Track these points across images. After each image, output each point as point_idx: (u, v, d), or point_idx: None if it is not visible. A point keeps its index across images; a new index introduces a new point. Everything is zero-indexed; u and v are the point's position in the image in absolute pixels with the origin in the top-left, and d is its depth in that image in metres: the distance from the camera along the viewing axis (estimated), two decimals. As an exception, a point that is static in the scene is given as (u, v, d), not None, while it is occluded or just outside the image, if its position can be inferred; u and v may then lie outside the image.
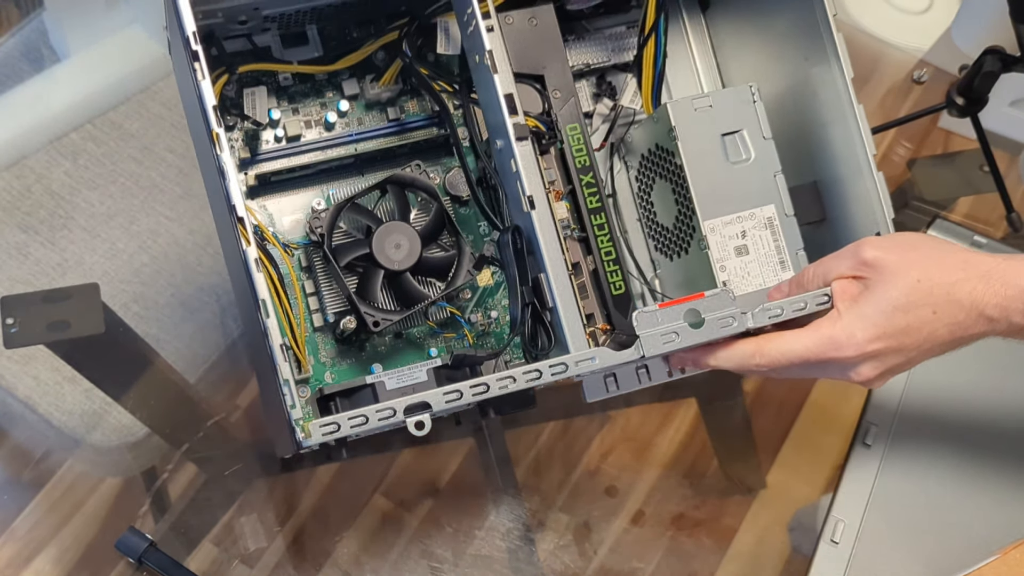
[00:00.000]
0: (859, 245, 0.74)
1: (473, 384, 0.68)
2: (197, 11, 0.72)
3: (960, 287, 0.71)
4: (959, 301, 0.71)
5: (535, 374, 0.69)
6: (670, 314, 0.71)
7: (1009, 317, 0.70)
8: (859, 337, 0.71)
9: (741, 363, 0.74)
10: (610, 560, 0.88)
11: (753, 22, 0.91)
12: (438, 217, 0.83)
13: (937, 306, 0.71)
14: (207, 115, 0.69)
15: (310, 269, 0.83)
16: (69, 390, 0.92)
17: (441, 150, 0.89)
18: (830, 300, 0.73)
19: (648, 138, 0.87)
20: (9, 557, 0.85)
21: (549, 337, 0.75)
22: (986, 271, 0.71)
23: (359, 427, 0.67)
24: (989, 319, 0.71)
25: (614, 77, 0.93)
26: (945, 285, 0.71)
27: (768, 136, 0.83)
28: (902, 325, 0.71)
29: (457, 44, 0.84)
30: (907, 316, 0.71)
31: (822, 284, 0.74)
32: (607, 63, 0.93)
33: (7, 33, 1.10)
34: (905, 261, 0.72)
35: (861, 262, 0.73)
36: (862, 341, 0.71)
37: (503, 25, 0.77)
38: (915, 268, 0.71)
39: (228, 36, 0.84)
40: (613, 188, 0.91)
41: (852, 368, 0.73)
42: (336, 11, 0.85)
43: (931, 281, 0.71)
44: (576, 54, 0.92)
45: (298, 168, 0.85)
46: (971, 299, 0.70)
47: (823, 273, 0.75)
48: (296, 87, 0.86)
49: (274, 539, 0.86)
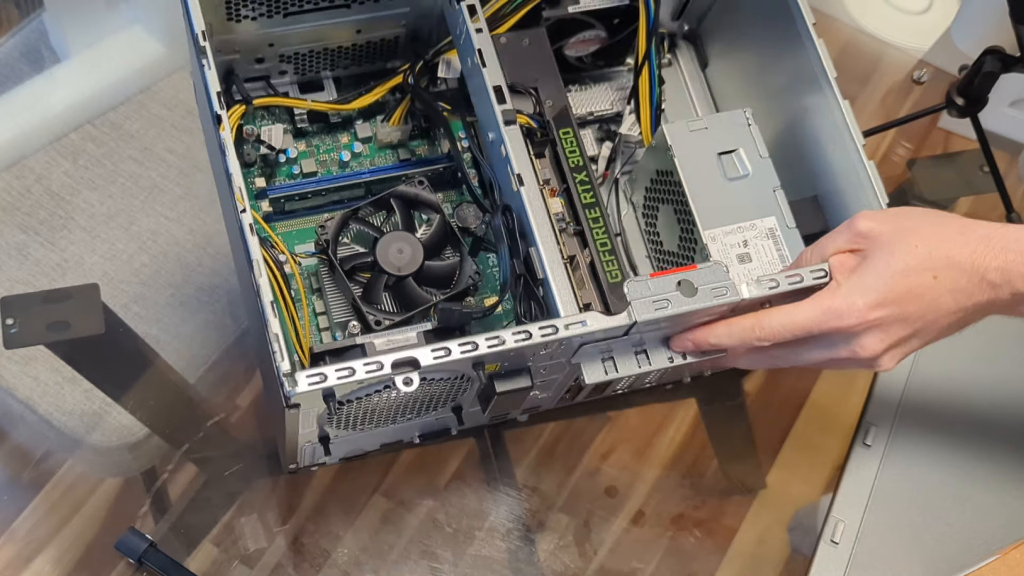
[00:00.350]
0: (853, 220, 0.73)
1: (462, 342, 0.69)
2: (216, 41, 0.82)
3: (960, 251, 0.70)
4: (959, 264, 0.69)
5: (524, 335, 0.70)
6: (662, 283, 0.72)
7: (1012, 282, 0.69)
8: (859, 304, 0.70)
9: (741, 337, 0.73)
10: (610, 560, 0.88)
11: (751, 73, 0.94)
12: (441, 229, 0.85)
13: (937, 270, 0.70)
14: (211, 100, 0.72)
15: (320, 291, 0.86)
16: (69, 390, 0.92)
17: (449, 186, 0.92)
18: (828, 274, 0.73)
19: (650, 166, 0.89)
20: (9, 558, 0.85)
21: (542, 310, 0.76)
22: (985, 234, 0.70)
23: (345, 379, 0.67)
24: (992, 284, 0.69)
25: (618, 125, 0.95)
26: (944, 248, 0.70)
27: (765, 155, 0.85)
28: (902, 290, 0.70)
29: (457, 70, 0.87)
30: (907, 280, 0.70)
31: (820, 262, 0.74)
32: (610, 111, 0.95)
33: (7, 34, 1.10)
34: (901, 229, 0.71)
35: (857, 234, 0.72)
36: (863, 308, 0.70)
37: (496, 45, 0.80)
38: (912, 235, 0.71)
39: (248, 78, 0.90)
40: (621, 227, 0.93)
41: (856, 340, 0.71)
42: (348, 53, 0.91)
43: (929, 246, 0.70)
44: (579, 103, 0.96)
45: (310, 194, 0.89)
46: (971, 262, 0.69)
47: (820, 252, 0.74)
48: (311, 129, 0.92)
49: (274, 539, 0.86)
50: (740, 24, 0.95)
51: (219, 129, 0.72)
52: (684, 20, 1.00)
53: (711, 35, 1.00)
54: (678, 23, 1.01)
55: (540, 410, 0.90)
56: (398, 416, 0.79)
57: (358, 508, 0.88)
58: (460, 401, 0.79)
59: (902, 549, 0.88)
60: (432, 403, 0.78)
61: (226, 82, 0.88)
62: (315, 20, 0.87)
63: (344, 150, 0.92)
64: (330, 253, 0.84)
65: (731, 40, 0.97)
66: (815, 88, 0.84)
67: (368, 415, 0.76)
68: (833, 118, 0.82)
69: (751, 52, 0.93)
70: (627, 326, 0.72)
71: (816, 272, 0.73)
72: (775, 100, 0.89)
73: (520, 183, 0.76)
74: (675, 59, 1.01)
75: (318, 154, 0.92)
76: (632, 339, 0.75)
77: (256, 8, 0.84)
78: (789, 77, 0.87)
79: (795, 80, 0.86)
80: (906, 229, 0.71)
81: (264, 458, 0.90)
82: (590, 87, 0.96)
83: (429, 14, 0.90)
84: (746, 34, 0.94)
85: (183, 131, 1.04)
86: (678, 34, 1.02)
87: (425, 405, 0.78)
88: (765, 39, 0.90)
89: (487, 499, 0.90)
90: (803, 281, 0.73)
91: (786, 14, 0.85)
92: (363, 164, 0.92)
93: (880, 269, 0.70)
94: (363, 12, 0.87)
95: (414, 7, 0.89)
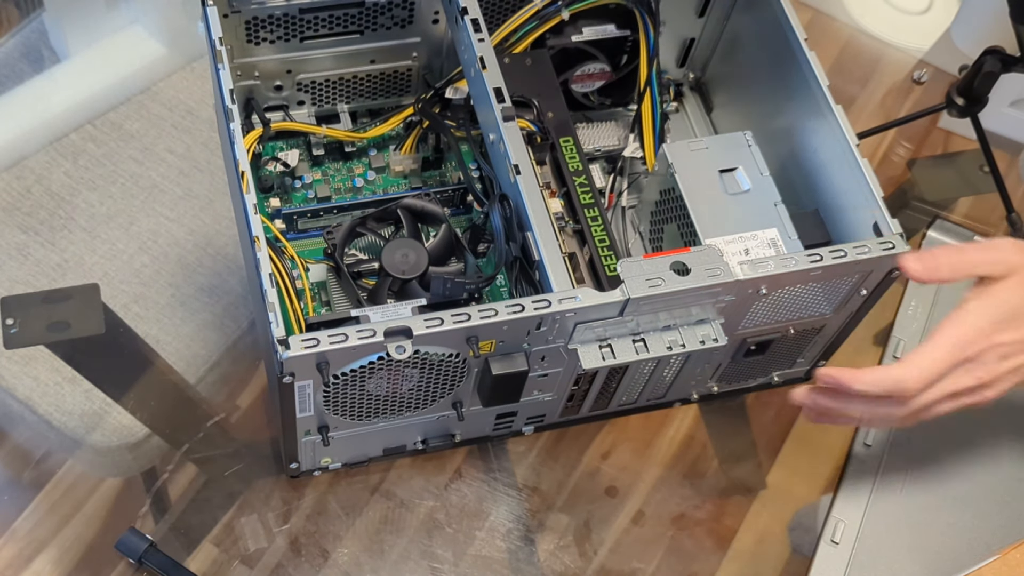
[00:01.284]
0: (1003, 244, 0.76)
1: (455, 313, 0.70)
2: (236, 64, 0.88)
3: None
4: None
5: (518, 308, 0.70)
6: (656, 263, 0.73)
7: None
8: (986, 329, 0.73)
9: (889, 386, 0.74)
10: (610, 560, 0.88)
11: (754, 110, 0.95)
12: (446, 238, 0.86)
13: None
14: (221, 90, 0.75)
15: (329, 303, 0.88)
16: (69, 391, 0.92)
17: (459, 211, 0.95)
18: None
19: (654, 189, 0.89)
20: (9, 558, 0.85)
21: (537, 292, 0.76)
22: None
23: (338, 344, 0.68)
24: None
25: (624, 162, 0.97)
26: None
27: (765, 173, 0.85)
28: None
29: (464, 92, 0.89)
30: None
31: (955, 272, 0.75)
32: (617, 147, 0.96)
33: (7, 34, 1.10)
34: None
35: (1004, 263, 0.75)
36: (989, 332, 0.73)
37: (501, 64, 0.81)
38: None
39: (267, 107, 0.94)
40: (628, 254, 0.94)
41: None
42: (363, 84, 0.95)
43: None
44: (586, 139, 0.97)
45: (322, 212, 0.92)
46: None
47: (961, 262, 0.76)
48: (326, 158, 0.95)
49: (274, 539, 0.87)
50: (740, 65, 0.96)
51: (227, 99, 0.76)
52: (689, 68, 1.03)
53: (715, 81, 1.02)
54: (683, 71, 1.03)
55: (545, 421, 0.90)
56: (397, 407, 0.79)
57: (358, 508, 0.88)
58: (459, 395, 0.79)
59: (902, 549, 0.88)
60: (430, 394, 0.78)
61: (245, 109, 0.93)
62: (330, 46, 0.91)
63: (358, 178, 0.94)
64: (336, 256, 0.85)
65: (734, 82, 0.99)
66: (815, 111, 0.84)
67: (366, 401, 0.76)
68: (834, 139, 0.82)
69: (753, 89, 0.95)
70: (621, 303, 0.72)
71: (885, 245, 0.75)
72: (777, 128, 0.90)
73: (517, 172, 0.77)
74: (682, 107, 1.04)
75: (332, 182, 0.94)
76: (629, 326, 0.75)
77: (274, 31, 0.87)
78: (790, 106, 0.88)
79: (797, 108, 0.86)
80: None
81: (264, 458, 0.90)
82: (597, 125, 0.98)
83: (439, 47, 0.93)
84: (747, 72, 0.96)
85: (183, 131, 1.04)
86: (684, 83, 1.04)
87: (423, 396, 0.78)
88: (765, 72, 0.91)
89: (487, 499, 0.90)
90: (796, 264, 0.74)
91: (780, 36, 0.86)
92: (376, 191, 0.95)
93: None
94: (376, 40, 0.91)
95: (425, 37, 0.92)
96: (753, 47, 0.93)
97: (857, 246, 0.76)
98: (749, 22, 0.93)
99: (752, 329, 0.82)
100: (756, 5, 0.90)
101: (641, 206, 0.93)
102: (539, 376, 0.80)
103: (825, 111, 0.83)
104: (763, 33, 0.89)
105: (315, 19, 0.88)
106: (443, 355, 0.73)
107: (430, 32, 0.92)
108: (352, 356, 0.70)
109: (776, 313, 0.81)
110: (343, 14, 0.88)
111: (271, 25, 0.87)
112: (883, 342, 0.97)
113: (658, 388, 0.89)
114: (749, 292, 0.76)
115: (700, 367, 0.87)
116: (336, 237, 0.86)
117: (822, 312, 0.83)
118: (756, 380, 0.93)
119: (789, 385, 0.96)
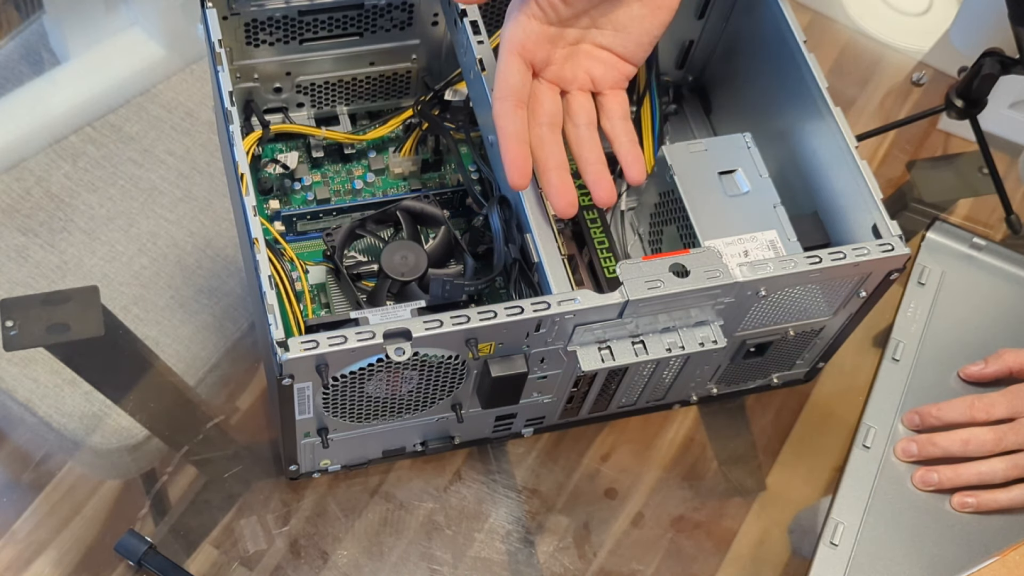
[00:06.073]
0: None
1: (454, 315, 0.70)
2: (236, 67, 0.88)
3: None
4: None
5: (517, 310, 0.71)
6: (655, 265, 0.73)
7: None
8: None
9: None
10: (610, 562, 0.88)
11: (752, 109, 0.95)
12: (446, 240, 0.86)
13: None
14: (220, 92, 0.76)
15: (328, 306, 0.88)
16: (69, 393, 0.92)
17: (458, 213, 0.95)
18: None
19: (653, 191, 0.89)
20: (9, 560, 0.85)
21: (536, 294, 0.76)
22: None
23: (338, 346, 0.68)
24: None
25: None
26: None
27: (764, 175, 0.85)
28: None
29: (463, 94, 0.89)
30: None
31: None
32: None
33: (7, 36, 1.10)
34: None
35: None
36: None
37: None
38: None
39: (266, 109, 0.94)
40: (628, 256, 0.93)
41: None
42: (362, 86, 0.95)
43: None
44: None
45: (322, 213, 0.92)
46: None
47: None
48: (326, 160, 0.95)
49: (274, 541, 0.87)
50: (740, 67, 0.96)
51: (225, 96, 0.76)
52: (688, 70, 1.02)
53: (714, 83, 1.02)
54: (682, 73, 1.03)
55: (544, 423, 0.90)
56: (397, 409, 0.79)
57: (358, 510, 0.88)
58: (458, 397, 0.79)
59: (902, 551, 0.88)
60: (429, 395, 0.78)
61: (245, 111, 0.93)
62: (330, 49, 0.91)
63: (357, 180, 0.94)
64: (336, 258, 0.85)
65: (733, 84, 0.98)
66: (814, 113, 0.84)
67: (365, 403, 0.76)
68: (834, 140, 0.82)
69: (752, 91, 0.95)
70: (620, 305, 0.72)
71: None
72: (776, 130, 0.90)
73: None
74: (681, 109, 1.04)
75: (332, 184, 0.94)
76: (628, 328, 0.75)
77: (273, 33, 0.87)
78: (789, 108, 0.88)
79: (796, 110, 0.87)
80: None
81: (264, 460, 0.90)
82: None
83: (439, 49, 0.93)
84: (746, 74, 0.95)
85: (183, 133, 1.04)
86: (683, 85, 1.04)
87: (422, 398, 0.78)
88: (764, 74, 0.91)
89: (487, 501, 0.90)
90: (795, 266, 0.74)
91: (780, 38, 0.86)
92: (376, 194, 0.95)
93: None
94: (376, 42, 0.91)
95: (424, 40, 0.92)
96: (752, 49, 0.93)
97: (856, 248, 0.77)
98: (748, 24, 0.93)
99: (751, 331, 0.82)
100: (755, 7, 0.90)
101: (640, 208, 0.93)
102: (538, 378, 0.80)
103: (824, 113, 0.83)
104: (762, 35, 0.90)
105: (314, 21, 0.88)
106: (442, 357, 0.73)
107: (429, 34, 0.92)
108: (351, 358, 0.70)
109: (775, 315, 0.81)
110: (342, 16, 0.88)
111: (270, 27, 0.87)
112: (882, 344, 0.97)
113: (657, 390, 0.89)
114: (748, 294, 0.76)
115: (699, 369, 0.87)
116: (335, 239, 0.86)
117: (821, 314, 0.83)
118: (755, 382, 0.93)
119: (788, 387, 0.96)
